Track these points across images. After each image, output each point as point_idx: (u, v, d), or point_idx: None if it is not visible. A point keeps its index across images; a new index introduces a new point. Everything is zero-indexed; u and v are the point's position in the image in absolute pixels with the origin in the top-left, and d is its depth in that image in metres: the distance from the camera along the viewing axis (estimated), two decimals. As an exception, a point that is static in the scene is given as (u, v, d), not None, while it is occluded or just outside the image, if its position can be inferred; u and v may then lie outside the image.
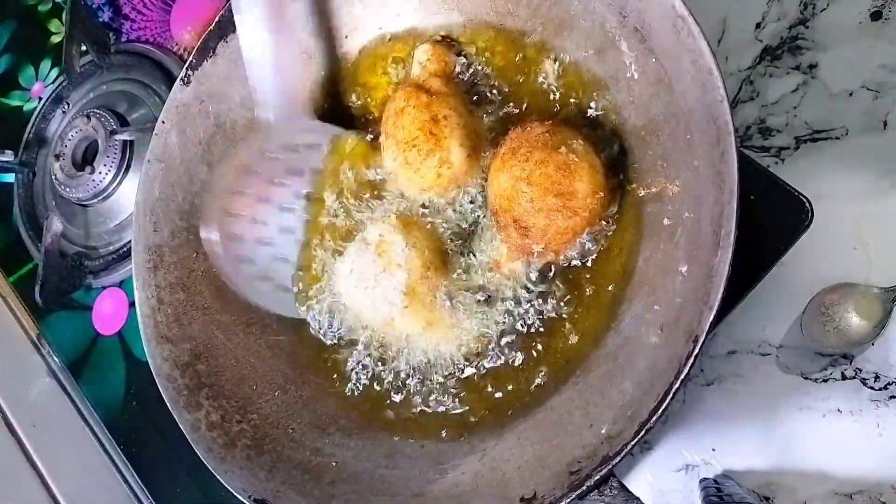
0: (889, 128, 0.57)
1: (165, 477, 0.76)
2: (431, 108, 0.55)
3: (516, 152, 0.49)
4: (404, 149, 0.54)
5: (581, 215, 0.48)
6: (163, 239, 0.60)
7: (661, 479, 0.58)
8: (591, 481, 0.39)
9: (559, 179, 0.47)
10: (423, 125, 0.54)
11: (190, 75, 0.62)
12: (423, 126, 0.54)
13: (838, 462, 0.53)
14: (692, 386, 0.58)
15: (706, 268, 0.39)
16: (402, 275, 0.51)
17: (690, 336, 0.38)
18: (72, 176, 0.85)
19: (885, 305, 0.51)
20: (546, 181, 0.47)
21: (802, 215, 0.51)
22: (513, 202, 0.49)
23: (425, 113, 0.55)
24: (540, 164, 0.48)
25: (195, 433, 0.52)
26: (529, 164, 0.48)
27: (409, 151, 0.54)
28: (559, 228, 0.48)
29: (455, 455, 0.50)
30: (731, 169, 0.39)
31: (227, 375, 0.56)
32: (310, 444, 0.53)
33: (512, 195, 0.49)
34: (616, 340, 0.47)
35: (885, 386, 0.53)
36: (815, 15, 0.61)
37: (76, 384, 0.86)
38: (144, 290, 0.58)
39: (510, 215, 0.49)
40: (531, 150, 0.48)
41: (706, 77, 0.41)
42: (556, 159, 0.48)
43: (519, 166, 0.48)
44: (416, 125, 0.54)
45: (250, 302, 0.57)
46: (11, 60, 1.07)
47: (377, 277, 0.51)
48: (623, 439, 0.39)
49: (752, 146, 0.60)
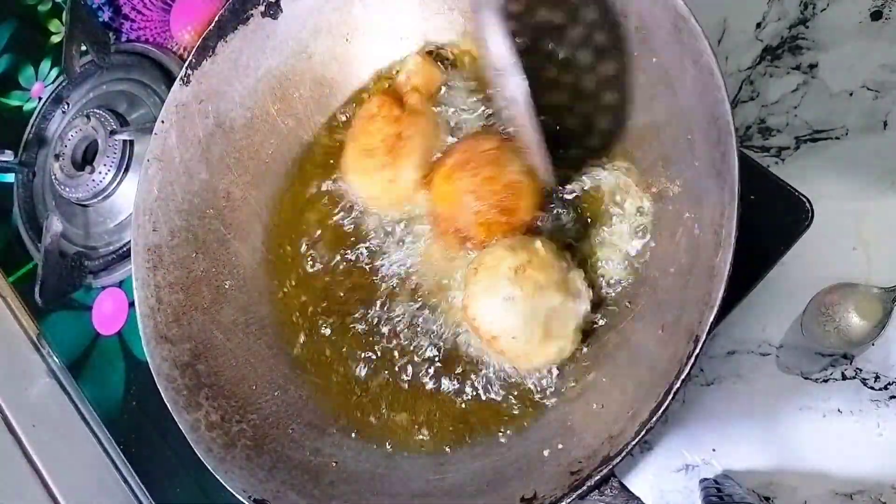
0: (889, 128, 0.57)
1: (165, 477, 0.76)
2: (399, 124, 0.56)
3: (465, 165, 0.51)
4: (363, 154, 0.56)
5: (518, 231, 0.50)
6: (162, 239, 0.60)
7: (662, 479, 0.58)
8: (591, 481, 0.39)
9: (506, 196, 0.50)
10: (387, 138, 0.56)
11: (189, 75, 0.62)
12: (386, 139, 0.56)
13: (838, 462, 0.53)
14: (692, 386, 0.58)
15: (706, 268, 0.39)
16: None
17: (691, 336, 0.38)
18: (72, 176, 0.85)
19: (885, 305, 0.51)
20: (493, 197, 0.49)
21: (802, 215, 0.51)
22: (457, 212, 0.51)
23: (392, 127, 0.56)
24: (489, 181, 0.50)
25: (195, 433, 0.52)
26: (478, 179, 0.50)
27: (366, 158, 0.56)
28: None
29: (455, 455, 0.50)
30: (731, 169, 0.39)
31: (226, 375, 0.56)
32: (310, 444, 0.53)
33: (457, 205, 0.51)
34: (616, 340, 0.47)
35: (885, 386, 0.53)
36: (815, 15, 0.61)
37: (76, 384, 0.86)
38: (144, 289, 0.58)
39: (452, 224, 0.51)
40: (480, 166, 0.50)
41: (707, 77, 0.41)
42: (505, 177, 0.50)
43: (467, 179, 0.50)
44: (380, 136, 0.56)
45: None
46: (11, 60, 1.07)
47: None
48: (623, 439, 0.39)
49: (752, 146, 0.60)
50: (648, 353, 0.43)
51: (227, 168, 0.63)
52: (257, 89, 0.64)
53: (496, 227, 0.50)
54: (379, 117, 0.56)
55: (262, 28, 0.62)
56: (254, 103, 0.64)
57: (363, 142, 0.57)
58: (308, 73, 0.64)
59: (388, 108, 0.57)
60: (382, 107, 0.57)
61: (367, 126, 0.57)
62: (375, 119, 0.57)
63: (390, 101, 0.57)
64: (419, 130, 0.56)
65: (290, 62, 0.64)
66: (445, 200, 0.52)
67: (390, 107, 0.57)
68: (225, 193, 0.63)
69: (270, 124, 0.64)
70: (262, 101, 0.64)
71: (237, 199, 0.63)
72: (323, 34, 0.63)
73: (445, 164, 0.53)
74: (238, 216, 0.63)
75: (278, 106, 0.64)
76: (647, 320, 0.45)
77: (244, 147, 0.64)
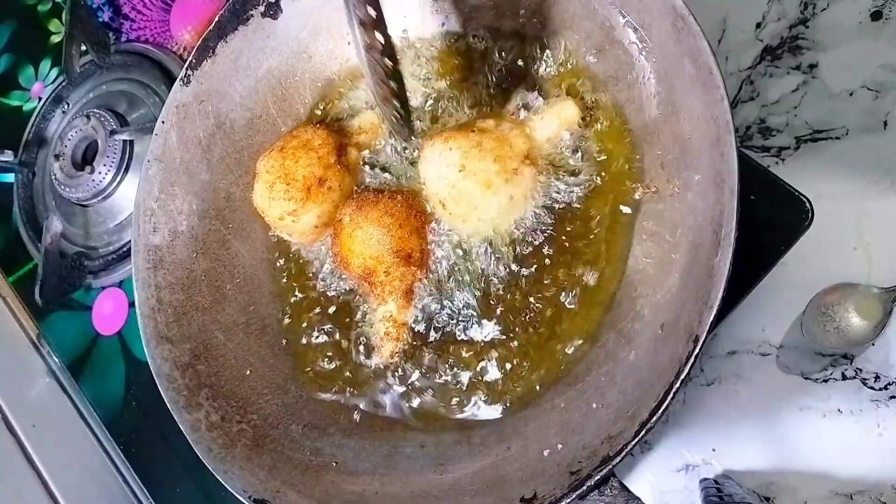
0: (889, 128, 0.57)
1: (165, 477, 0.76)
2: (328, 171, 0.57)
3: (361, 206, 0.55)
4: (278, 177, 0.57)
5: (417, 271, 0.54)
6: (163, 239, 0.60)
7: (662, 479, 0.58)
8: (591, 481, 0.39)
9: (410, 202, 0.54)
10: (309, 176, 0.56)
11: (190, 75, 0.62)
12: (308, 176, 0.56)
13: (838, 462, 0.53)
14: (692, 386, 0.58)
15: (706, 268, 0.39)
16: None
17: (691, 336, 0.38)
18: (72, 176, 0.85)
19: (885, 305, 0.51)
20: (403, 207, 0.54)
21: (802, 215, 0.51)
22: (384, 240, 0.53)
23: (321, 170, 0.57)
24: (391, 198, 0.54)
25: (195, 433, 0.52)
26: (382, 202, 0.54)
27: (278, 182, 0.56)
28: (426, 241, 0.54)
29: (455, 455, 0.50)
30: (731, 169, 0.39)
31: (227, 375, 0.56)
32: (310, 444, 0.53)
33: (380, 235, 0.53)
34: (616, 340, 0.47)
35: (885, 386, 0.53)
36: (815, 15, 0.61)
37: (76, 384, 0.86)
38: (144, 290, 0.58)
39: (389, 254, 0.53)
40: (375, 195, 0.55)
41: (706, 77, 0.41)
42: (399, 193, 0.55)
43: (373, 209, 0.54)
44: (304, 170, 0.57)
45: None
46: (11, 60, 1.07)
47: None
48: (623, 439, 0.39)
49: (752, 146, 0.60)
50: (648, 353, 0.43)
51: (227, 168, 0.63)
52: (258, 89, 0.64)
53: (419, 228, 0.53)
54: (315, 153, 0.57)
55: (262, 28, 0.62)
56: (254, 103, 0.64)
57: (287, 165, 0.57)
58: (308, 73, 0.64)
59: (327, 150, 0.57)
60: (323, 146, 0.57)
61: (299, 153, 0.57)
62: (311, 152, 0.57)
63: (333, 144, 0.58)
64: (342, 187, 0.58)
65: (290, 62, 0.64)
66: (367, 241, 0.53)
67: (330, 151, 0.57)
68: (226, 194, 0.63)
69: (271, 124, 0.64)
70: (262, 101, 0.64)
71: (238, 200, 0.63)
72: (323, 34, 0.63)
73: (344, 223, 0.55)
74: (239, 216, 0.63)
75: (278, 106, 0.64)
76: (646, 320, 0.45)
77: (245, 147, 0.64)
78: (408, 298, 0.54)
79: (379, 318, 0.55)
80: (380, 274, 0.54)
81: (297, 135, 0.59)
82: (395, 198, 0.55)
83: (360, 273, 0.55)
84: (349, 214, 0.55)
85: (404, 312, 0.54)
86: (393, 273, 0.54)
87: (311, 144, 0.57)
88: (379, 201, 0.55)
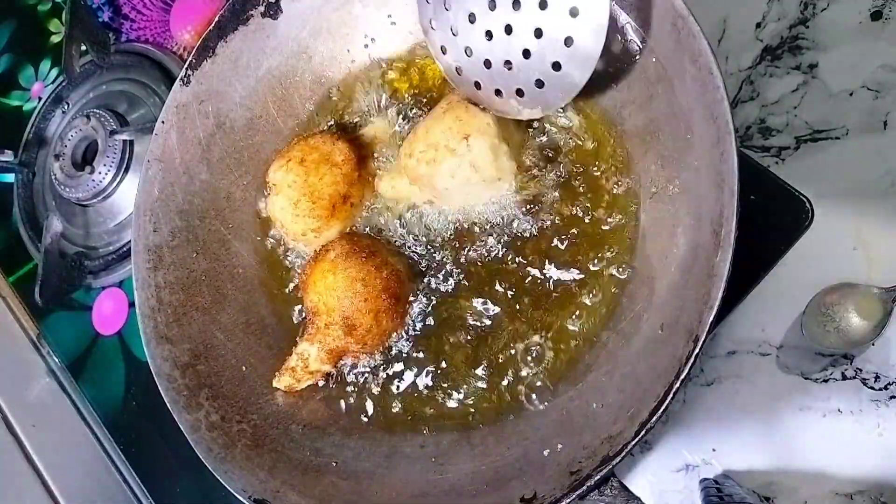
0: (889, 128, 0.57)
1: (165, 477, 0.76)
2: (351, 188, 0.57)
3: (349, 256, 0.53)
4: (303, 194, 0.56)
5: (399, 320, 0.54)
6: (162, 239, 0.60)
7: (662, 479, 0.58)
8: (591, 481, 0.39)
9: (391, 284, 0.53)
10: (334, 194, 0.56)
11: (190, 75, 0.62)
12: (333, 194, 0.56)
13: (838, 462, 0.53)
14: (692, 386, 0.58)
15: (706, 268, 0.39)
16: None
17: (690, 336, 0.38)
18: (72, 176, 0.85)
19: (885, 305, 0.51)
20: (381, 284, 0.52)
21: (802, 215, 0.51)
22: (343, 301, 0.52)
23: (343, 187, 0.56)
24: (378, 269, 0.52)
25: (195, 433, 0.52)
26: (367, 266, 0.52)
27: (303, 199, 0.56)
28: (382, 328, 0.53)
29: (455, 455, 0.50)
30: (731, 169, 0.39)
31: (227, 375, 0.56)
32: (310, 444, 0.53)
33: (344, 294, 0.52)
34: (616, 340, 0.47)
35: (885, 386, 0.53)
36: (815, 15, 0.61)
37: (76, 384, 0.86)
38: (144, 290, 0.58)
39: (339, 314, 0.52)
40: (367, 255, 0.53)
41: (706, 76, 0.41)
42: (389, 266, 0.53)
43: (355, 267, 0.52)
44: (329, 188, 0.56)
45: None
46: (11, 60, 1.07)
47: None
48: (623, 439, 0.39)
49: (752, 146, 0.60)
50: (648, 353, 0.43)
51: (227, 168, 0.63)
52: (258, 89, 0.64)
53: (382, 314, 0.52)
54: (339, 169, 0.56)
55: (262, 28, 0.62)
56: (254, 103, 0.64)
57: (311, 182, 0.56)
58: (308, 73, 0.64)
59: (350, 166, 0.57)
60: (346, 163, 0.57)
61: (322, 168, 0.56)
62: (334, 168, 0.56)
63: (355, 159, 0.57)
64: (362, 201, 0.58)
65: (290, 62, 0.64)
66: (330, 291, 0.52)
67: (353, 167, 0.57)
68: (226, 194, 0.63)
69: (271, 124, 0.64)
70: (262, 101, 0.64)
71: (238, 200, 0.63)
72: (323, 34, 0.63)
73: (324, 259, 0.54)
74: (239, 216, 0.63)
75: (278, 106, 0.64)
76: (646, 320, 0.45)
77: (245, 147, 0.64)
78: (331, 359, 0.54)
79: (298, 350, 0.55)
80: (321, 321, 0.53)
81: (316, 146, 0.58)
82: (381, 272, 0.53)
83: (308, 306, 0.54)
84: (336, 254, 0.54)
85: (320, 365, 0.54)
86: (331, 331, 0.53)
87: (333, 159, 0.57)
88: (366, 264, 0.53)
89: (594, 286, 0.49)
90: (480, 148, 0.51)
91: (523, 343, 0.51)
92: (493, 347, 0.52)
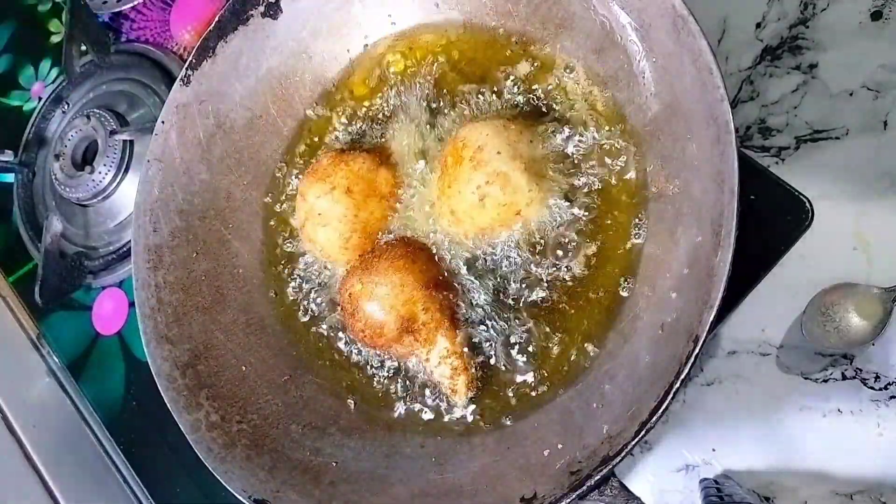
0: (889, 128, 0.57)
1: (165, 477, 0.76)
2: (391, 213, 0.55)
3: (412, 259, 0.52)
4: (354, 230, 0.55)
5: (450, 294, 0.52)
6: (162, 239, 0.60)
7: (662, 479, 0.58)
8: (591, 481, 0.39)
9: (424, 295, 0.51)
10: (384, 227, 0.55)
11: (190, 75, 0.62)
12: (383, 227, 0.55)
13: (838, 462, 0.53)
14: (692, 386, 0.58)
15: (706, 268, 0.39)
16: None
17: (690, 336, 0.38)
18: (72, 176, 0.85)
19: (885, 305, 0.51)
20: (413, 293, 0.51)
21: (802, 215, 0.51)
22: (373, 308, 0.51)
23: (387, 218, 0.55)
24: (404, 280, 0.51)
25: (195, 433, 0.52)
26: (396, 277, 0.51)
27: (355, 234, 0.55)
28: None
29: (455, 455, 0.50)
30: (731, 169, 0.39)
31: (227, 375, 0.56)
32: (310, 444, 0.53)
33: (392, 302, 0.50)
34: (616, 340, 0.47)
35: (885, 386, 0.53)
36: (815, 15, 0.61)
37: (76, 384, 0.86)
38: (144, 290, 0.58)
39: (430, 314, 0.51)
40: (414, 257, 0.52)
41: (706, 76, 0.41)
42: (419, 276, 0.52)
43: (385, 276, 0.51)
44: (379, 223, 0.55)
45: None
46: (11, 60, 1.07)
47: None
48: (623, 439, 0.39)
49: (752, 146, 0.60)
50: (648, 353, 0.43)
51: (227, 168, 0.63)
52: (258, 89, 0.64)
53: (429, 300, 0.51)
54: (386, 202, 0.56)
55: (262, 28, 0.62)
56: (254, 103, 0.64)
57: (361, 217, 0.55)
58: (308, 73, 0.64)
59: (395, 199, 0.56)
60: (392, 195, 0.56)
61: (371, 203, 0.55)
62: (382, 201, 0.56)
63: (395, 186, 0.56)
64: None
65: (290, 62, 0.64)
66: (375, 303, 0.51)
67: (396, 196, 0.56)
68: (226, 194, 0.63)
69: (271, 124, 0.64)
70: (262, 101, 0.64)
71: (238, 200, 0.63)
72: (323, 34, 0.63)
73: (356, 280, 0.53)
74: (238, 216, 0.63)
75: (278, 106, 0.64)
76: (646, 320, 0.45)
77: (245, 147, 0.64)
78: (452, 323, 0.52)
79: (436, 362, 0.51)
80: (419, 316, 0.51)
81: (360, 174, 0.56)
82: (393, 244, 0.53)
83: (397, 329, 0.50)
84: (359, 281, 0.52)
85: (455, 338, 0.51)
86: (431, 307, 0.51)
87: (380, 190, 0.55)
88: (382, 254, 0.53)
89: (594, 285, 0.49)
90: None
91: (522, 342, 0.51)
92: (492, 346, 0.52)
